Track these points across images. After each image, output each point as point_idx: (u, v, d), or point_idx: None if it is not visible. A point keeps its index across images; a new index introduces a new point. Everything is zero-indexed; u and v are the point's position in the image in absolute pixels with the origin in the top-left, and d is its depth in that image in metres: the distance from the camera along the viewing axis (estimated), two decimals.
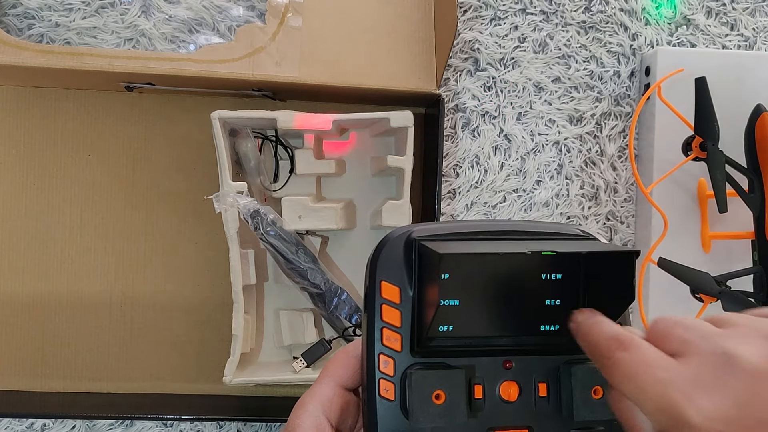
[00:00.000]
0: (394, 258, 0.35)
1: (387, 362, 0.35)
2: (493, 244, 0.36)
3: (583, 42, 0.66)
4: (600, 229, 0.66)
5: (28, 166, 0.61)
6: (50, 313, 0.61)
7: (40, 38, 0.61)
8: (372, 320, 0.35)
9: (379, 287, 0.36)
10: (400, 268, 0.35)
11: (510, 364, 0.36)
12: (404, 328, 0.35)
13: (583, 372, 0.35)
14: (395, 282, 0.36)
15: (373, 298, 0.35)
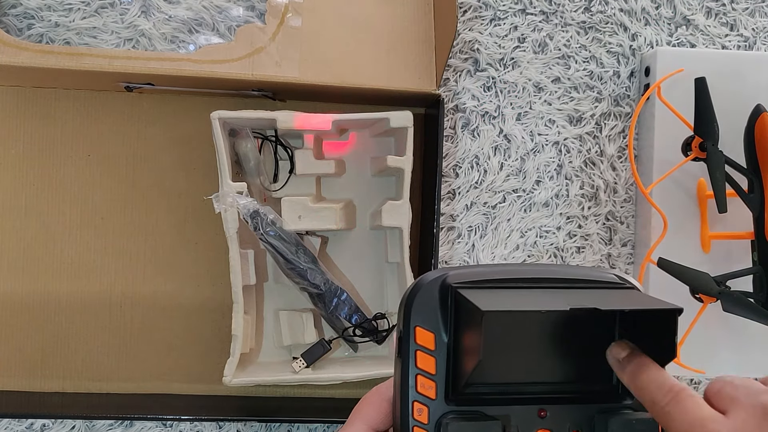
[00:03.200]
0: (429, 303, 0.35)
1: (421, 410, 0.35)
2: (532, 296, 0.35)
3: (583, 42, 0.66)
4: (600, 230, 0.66)
5: (28, 165, 0.61)
6: (50, 313, 0.61)
7: (39, 38, 0.61)
8: (407, 366, 0.35)
9: (413, 333, 0.35)
10: (435, 314, 0.34)
11: (545, 413, 0.36)
12: (439, 375, 0.35)
13: (618, 424, 0.35)
14: (430, 328, 0.35)
15: (408, 344, 0.35)
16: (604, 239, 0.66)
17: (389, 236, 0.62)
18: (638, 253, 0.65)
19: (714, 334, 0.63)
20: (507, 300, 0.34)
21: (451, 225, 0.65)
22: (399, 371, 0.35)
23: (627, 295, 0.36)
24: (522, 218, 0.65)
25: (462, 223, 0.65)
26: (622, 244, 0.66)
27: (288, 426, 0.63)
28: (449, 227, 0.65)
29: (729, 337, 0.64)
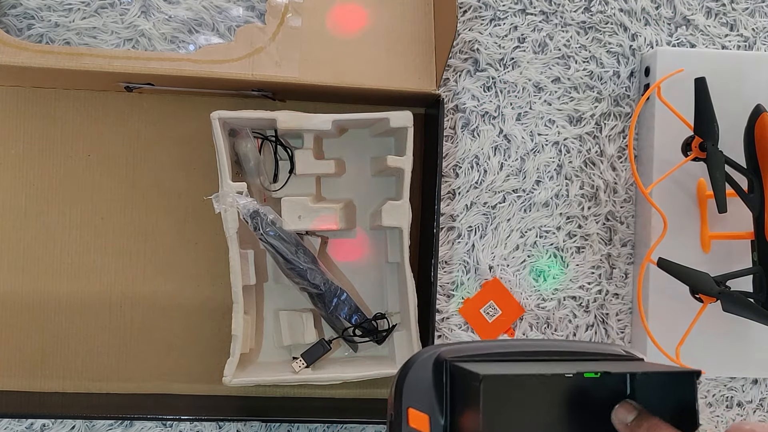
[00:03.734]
0: (423, 382, 0.31)
1: None
2: (535, 366, 0.32)
3: (583, 42, 0.66)
4: (600, 230, 0.66)
5: (28, 165, 0.61)
6: (50, 313, 0.61)
7: (39, 38, 0.61)
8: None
9: (406, 415, 0.31)
10: (429, 393, 0.31)
11: None
12: None
13: None
14: (424, 409, 0.31)
15: (400, 427, 0.32)
16: (604, 239, 0.66)
17: (389, 236, 0.62)
18: (638, 253, 0.65)
19: (714, 334, 0.63)
20: (507, 367, 0.31)
21: (451, 225, 0.65)
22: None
23: (636, 364, 0.33)
24: (522, 218, 0.65)
25: (462, 223, 0.65)
26: (622, 244, 0.66)
27: (288, 426, 0.63)
28: (449, 227, 0.65)
29: (729, 337, 0.64)
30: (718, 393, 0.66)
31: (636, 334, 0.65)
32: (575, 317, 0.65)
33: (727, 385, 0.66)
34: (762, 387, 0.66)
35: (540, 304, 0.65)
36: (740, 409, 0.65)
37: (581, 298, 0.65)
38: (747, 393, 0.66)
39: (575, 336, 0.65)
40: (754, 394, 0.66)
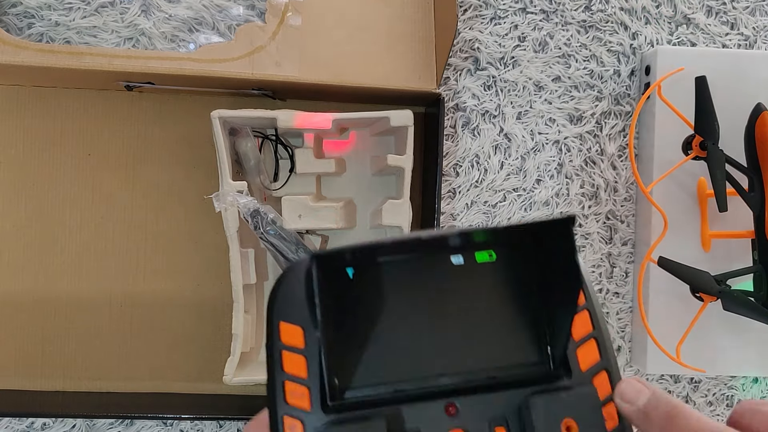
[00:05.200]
0: (295, 292, 0.28)
1: (294, 426, 0.28)
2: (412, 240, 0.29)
3: (584, 41, 0.66)
4: (600, 228, 0.66)
5: (28, 165, 0.61)
6: (50, 312, 0.61)
7: (39, 37, 0.61)
8: (272, 372, 0.28)
9: (278, 330, 0.28)
10: (302, 304, 0.28)
11: (454, 408, 0.28)
12: (312, 378, 0.28)
13: (548, 402, 0.27)
14: (297, 321, 0.28)
15: (272, 345, 0.29)
16: (604, 238, 0.66)
17: (390, 235, 0.62)
18: (639, 252, 0.65)
19: (714, 333, 0.63)
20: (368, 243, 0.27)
21: (452, 224, 0.65)
22: (267, 380, 0.29)
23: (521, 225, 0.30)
24: (522, 217, 0.65)
25: (462, 222, 0.65)
26: (623, 243, 0.66)
27: None
28: (449, 226, 0.65)
29: (729, 336, 0.64)
30: (718, 392, 0.66)
31: (636, 333, 0.65)
32: None
33: (727, 384, 0.66)
34: (762, 386, 0.66)
35: None
36: None
37: None
38: (747, 392, 0.66)
39: None
40: (754, 393, 0.66)
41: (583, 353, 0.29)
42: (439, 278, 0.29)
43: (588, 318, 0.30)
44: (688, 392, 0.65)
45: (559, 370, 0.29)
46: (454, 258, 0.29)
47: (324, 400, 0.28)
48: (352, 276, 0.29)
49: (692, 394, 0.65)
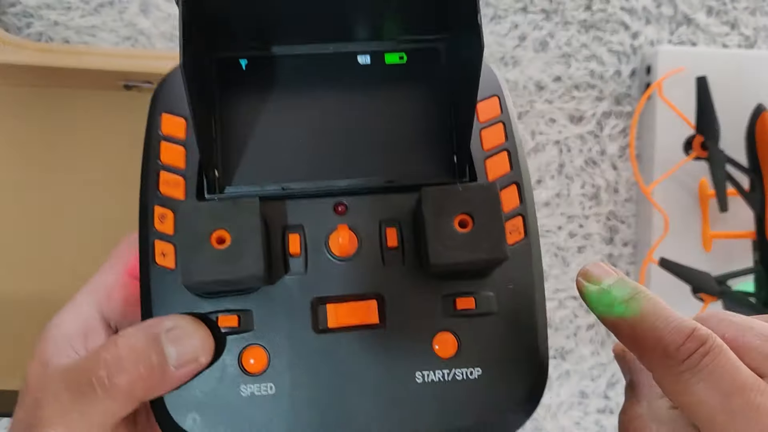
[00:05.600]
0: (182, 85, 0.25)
1: (165, 216, 0.27)
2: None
3: (584, 41, 0.66)
4: (601, 229, 0.66)
5: (26, 165, 0.61)
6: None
7: (38, 37, 0.61)
8: (146, 163, 0.27)
9: (158, 121, 0.27)
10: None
11: (343, 207, 0.26)
12: (190, 170, 0.26)
13: (441, 193, 0.25)
14: (181, 113, 0.27)
15: (150, 136, 0.27)
16: (605, 239, 0.66)
17: None
18: (639, 252, 0.65)
19: None
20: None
21: None
22: (141, 174, 0.27)
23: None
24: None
25: None
26: (623, 244, 0.66)
27: None
28: None
29: None
30: None
31: None
32: (576, 317, 0.65)
33: None
34: None
35: None
36: None
37: None
38: None
39: (575, 336, 0.64)
40: None
41: (492, 164, 0.28)
42: (341, 77, 0.27)
43: (502, 129, 0.28)
44: None
45: (464, 178, 0.27)
46: (360, 57, 0.27)
47: (201, 192, 0.26)
48: (245, 67, 0.27)
49: None
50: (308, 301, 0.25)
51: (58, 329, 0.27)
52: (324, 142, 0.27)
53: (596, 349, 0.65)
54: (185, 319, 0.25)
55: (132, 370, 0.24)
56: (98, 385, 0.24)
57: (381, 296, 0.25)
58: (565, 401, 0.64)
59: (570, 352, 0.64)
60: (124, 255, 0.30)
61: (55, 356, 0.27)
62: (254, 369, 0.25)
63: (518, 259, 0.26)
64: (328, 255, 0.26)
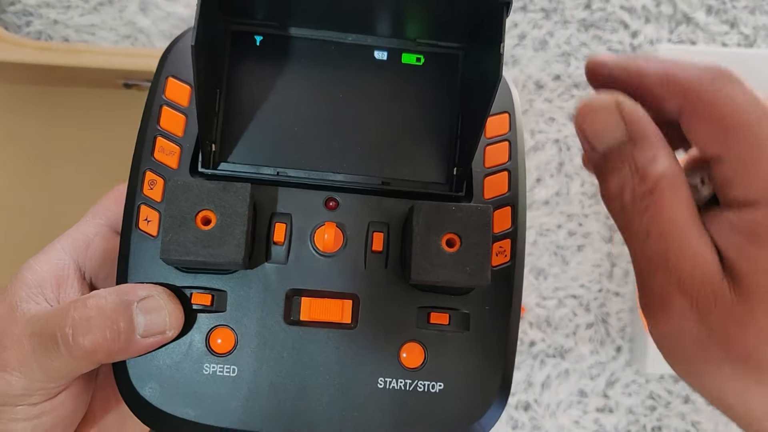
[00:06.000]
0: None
1: (155, 182, 0.27)
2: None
3: (584, 39, 0.66)
4: (600, 228, 0.66)
5: (26, 164, 0.61)
6: None
7: (38, 35, 0.61)
8: (145, 126, 0.27)
9: (163, 84, 0.27)
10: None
11: (335, 203, 0.26)
12: (188, 139, 0.26)
13: (434, 209, 0.24)
14: (188, 80, 0.26)
15: (153, 99, 0.27)
16: (604, 237, 0.66)
17: None
18: None
19: None
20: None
21: None
22: (138, 135, 0.27)
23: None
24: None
25: None
26: (623, 243, 0.66)
27: None
28: None
29: None
30: None
31: (636, 333, 0.65)
32: (575, 316, 0.65)
33: None
34: None
35: (540, 303, 0.64)
36: None
37: (581, 296, 0.65)
38: None
39: (575, 335, 0.64)
40: None
41: (490, 182, 0.27)
42: (355, 70, 0.26)
43: (507, 149, 0.28)
44: (688, 392, 0.65)
45: (460, 192, 0.27)
46: (377, 52, 0.26)
47: (195, 165, 0.26)
48: (259, 44, 0.26)
49: (692, 393, 0.65)
50: (284, 291, 0.25)
51: (31, 274, 0.27)
52: (325, 133, 0.26)
53: (595, 347, 0.65)
54: (159, 291, 0.25)
55: (98, 333, 0.24)
56: (62, 342, 0.24)
57: (357, 297, 0.25)
58: (564, 400, 0.64)
59: (569, 351, 0.64)
60: (108, 208, 0.30)
61: (24, 301, 0.27)
62: (220, 349, 0.25)
63: (500, 282, 0.26)
64: (311, 248, 0.25)
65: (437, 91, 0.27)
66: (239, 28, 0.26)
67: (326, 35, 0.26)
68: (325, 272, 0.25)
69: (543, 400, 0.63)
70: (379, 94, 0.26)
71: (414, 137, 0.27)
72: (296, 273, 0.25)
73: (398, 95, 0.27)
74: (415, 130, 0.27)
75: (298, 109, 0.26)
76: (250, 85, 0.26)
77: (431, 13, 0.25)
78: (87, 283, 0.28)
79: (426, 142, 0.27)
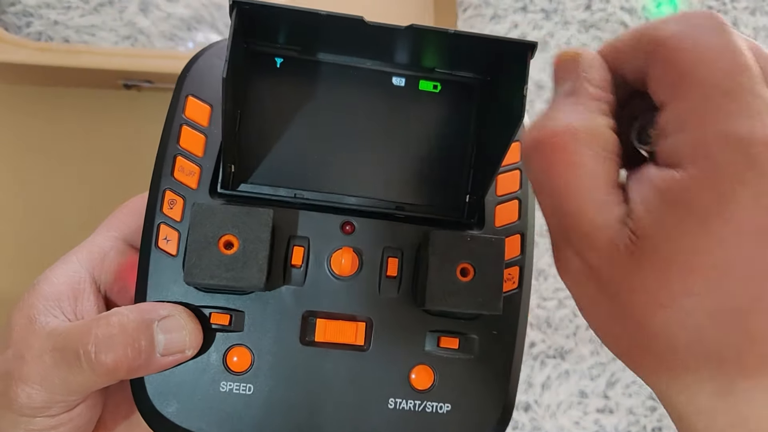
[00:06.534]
0: (214, 70, 0.25)
1: (174, 202, 0.26)
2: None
3: (584, 40, 0.66)
4: None
5: (26, 165, 0.61)
6: None
7: (38, 36, 0.61)
8: (165, 145, 0.28)
9: (184, 103, 0.27)
10: (219, 85, 0.23)
11: (351, 227, 0.26)
12: (208, 160, 0.26)
13: (449, 239, 0.25)
14: (208, 99, 0.27)
15: (173, 117, 0.28)
16: None
17: None
18: None
19: None
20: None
21: None
22: (157, 155, 0.27)
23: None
24: None
25: None
26: None
27: None
28: None
29: None
30: None
31: None
32: (576, 316, 0.65)
33: None
34: None
35: (540, 303, 0.64)
36: None
37: None
38: None
39: (575, 336, 0.64)
40: None
41: (502, 210, 0.28)
42: (373, 95, 0.27)
43: (518, 178, 0.29)
44: None
45: (472, 220, 0.27)
46: (395, 79, 0.27)
47: (214, 186, 0.26)
48: (279, 66, 0.27)
49: None
50: (300, 312, 0.26)
51: (48, 286, 0.27)
52: (342, 155, 0.27)
53: (596, 348, 0.65)
54: (180, 311, 0.26)
55: (119, 351, 0.25)
56: (84, 359, 0.24)
57: (370, 320, 0.26)
58: (564, 401, 0.64)
59: (569, 352, 0.64)
60: (123, 221, 0.30)
61: (42, 313, 0.26)
62: (237, 368, 0.26)
63: (508, 308, 0.27)
64: (327, 271, 0.26)
65: (453, 119, 0.27)
66: (261, 49, 0.26)
67: (346, 60, 0.27)
68: (341, 295, 0.26)
69: (543, 400, 0.63)
70: (396, 119, 0.27)
71: (428, 163, 0.27)
72: (313, 295, 0.26)
73: (414, 121, 0.27)
74: (429, 156, 0.27)
75: (316, 131, 0.27)
76: (269, 107, 0.26)
77: (453, 51, 0.26)
78: (102, 295, 0.28)
79: (440, 169, 0.27)
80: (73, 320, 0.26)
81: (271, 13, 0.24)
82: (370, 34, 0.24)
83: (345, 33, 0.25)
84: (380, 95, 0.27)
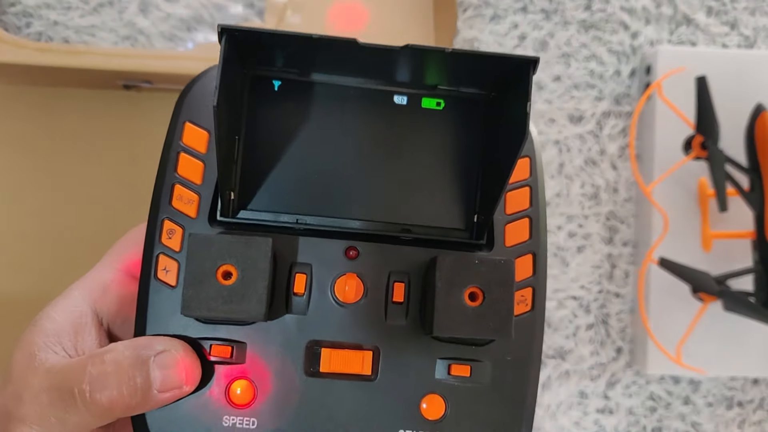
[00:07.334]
0: (212, 95, 0.24)
1: (173, 231, 0.26)
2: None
3: (584, 41, 0.66)
4: (600, 229, 0.66)
5: (25, 165, 0.61)
6: None
7: (38, 36, 0.61)
8: (163, 173, 0.27)
9: (180, 130, 0.27)
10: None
11: (355, 252, 0.26)
12: (206, 187, 0.26)
13: (457, 263, 0.24)
14: (205, 125, 0.26)
15: (170, 144, 0.27)
16: (604, 239, 0.66)
17: None
18: (639, 252, 0.65)
19: (714, 334, 0.63)
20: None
21: None
22: (155, 182, 0.26)
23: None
24: None
25: None
26: (623, 244, 0.66)
27: None
28: None
29: (729, 337, 0.63)
30: (718, 392, 0.66)
31: (637, 334, 0.65)
32: (576, 317, 0.65)
33: (727, 385, 0.66)
34: (762, 386, 0.66)
35: None
36: (740, 409, 0.65)
37: (582, 297, 0.65)
38: (747, 392, 0.66)
39: (575, 336, 0.64)
40: (754, 394, 0.66)
41: (512, 229, 0.27)
42: (374, 115, 0.26)
43: (528, 194, 0.27)
44: (688, 393, 0.65)
45: (481, 240, 0.26)
46: (397, 97, 0.26)
47: (213, 214, 0.26)
48: (277, 89, 0.26)
49: (692, 395, 0.65)
50: (304, 342, 0.25)
51: (49, 322, 0.26)
52: (344, 178, 0.26)
53: (596, 348, 0.65)
54: (176, 345, 0.25)
55: (114, 389, 0.24)
56: (79, 398, 0.24)
57: (377, 348, 0.25)
58: (564, 401, 0.64)
59: (569, 352, 0.64)
60: (123, 252, 0.29)
61: (42, 350, 0.26)
62: (239, 401, 0.25)
63: (521, 332, 0.26)
64: (331, 299, 0.25)
65: (457, 137, 0.26)
66: (258, 73, 0.26)
67: (345, 81, 0.26)
68: (346, 323, 0.25)
69: (543, 401, 0.63)
70: (399, 138, 0.26)
71: (434, 182, 0.26)
72: (316, 324, 0.25)
73: (418, 140, 0.26)
74: (434, 175, 0.26)
75: (317, 154, 0.26)
76: (268, 131, 0.25)
77: (453, 68, 0.25)
78: (104, 329, 0.28)
79: (446, 188, 0.26)
80: (74, 356, 0.26)
81: (263, 39, 0.23)
82: (366, 54, 0.24)
83: (341, 54, 0.24)
84: (382, 114, 0.26)
